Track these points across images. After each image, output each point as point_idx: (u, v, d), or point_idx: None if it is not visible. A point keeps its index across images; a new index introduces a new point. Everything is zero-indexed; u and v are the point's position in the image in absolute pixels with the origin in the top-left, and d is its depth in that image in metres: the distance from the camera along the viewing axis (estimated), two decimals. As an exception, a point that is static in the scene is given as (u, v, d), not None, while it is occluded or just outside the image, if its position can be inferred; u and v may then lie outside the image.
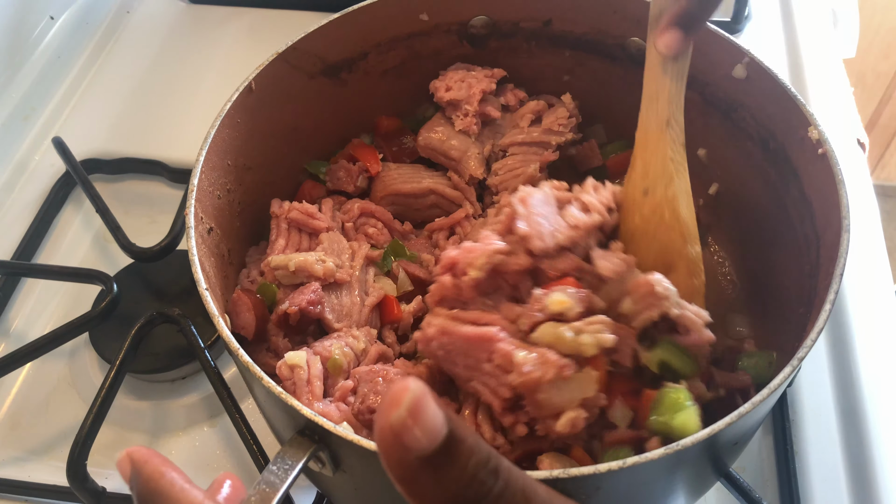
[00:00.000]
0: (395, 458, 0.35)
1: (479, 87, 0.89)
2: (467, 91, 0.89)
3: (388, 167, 0.91)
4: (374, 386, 0.67)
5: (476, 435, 0.37)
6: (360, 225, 0.87)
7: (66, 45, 1.29)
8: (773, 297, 0.80)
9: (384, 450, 0.35)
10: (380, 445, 0.35)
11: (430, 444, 0.34)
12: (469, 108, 0.89)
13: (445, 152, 0.90)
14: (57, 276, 0.98)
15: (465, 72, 0.91)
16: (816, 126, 0.71)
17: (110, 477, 0.85)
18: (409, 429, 0.34)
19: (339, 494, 0.68)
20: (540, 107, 0.91)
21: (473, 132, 0.89)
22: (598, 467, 0.51)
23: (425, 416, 0.34)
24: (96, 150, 1.14)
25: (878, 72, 2.17)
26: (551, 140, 0.90)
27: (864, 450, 0.83)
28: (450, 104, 0.90)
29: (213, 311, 0.60)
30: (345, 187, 0.89)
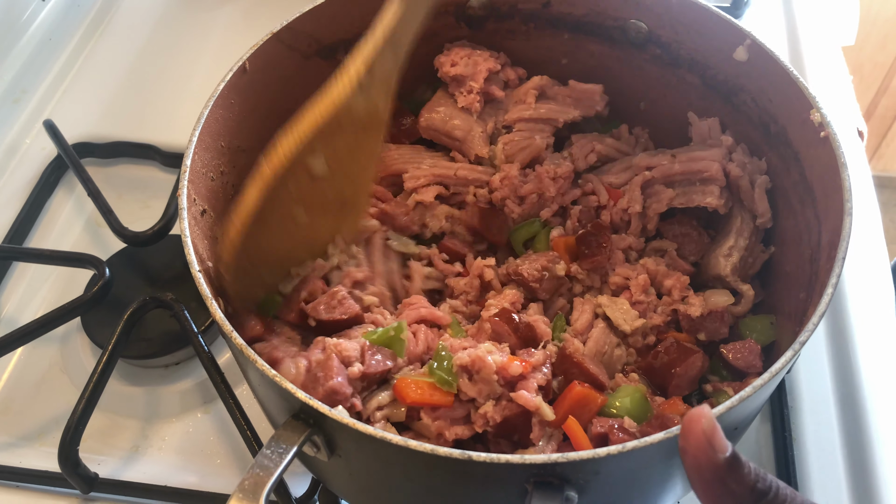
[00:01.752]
0: (704, 459, 0.46)
1: (486, 65, 0.88)
2: (473, 68, 0.88)
3: (388, 148, 0.89)
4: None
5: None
6: None
7: (58, 27, 1.28)
8: (774, 282, 0.80)
9: (695, 451, 0.46)
10: (690, 448, 0.46)
11: (726, 450, 0.46)
12: (474, 84, 0.87)
13: (449, 132, 0.89)
14: (48, 260, 0.97)
15: (471, 49, 0.89)
16: (818, 109, 0.71)
17: (102, 462, 0.84)
18: (717, 433, 0.46)
19: (333, 479, 0.68)
20: (544, 82, 0.90)
21: (476, 110, 0.88)
22: (596, 451, 0.51)
23: (720, 430, 0.46)
24: (88, 133, 1.13)
25: (875, 62, 2.16)
26: (559, 117, 0.88)
27: (861, 437, 0.83)
28: (454, 80, 0.88)
29: (207, 294, 0.59)
30: None
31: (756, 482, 0.45)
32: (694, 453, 0.46)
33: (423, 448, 0.50)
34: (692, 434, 0.46)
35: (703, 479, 0.46)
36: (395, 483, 0.60)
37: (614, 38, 0.88)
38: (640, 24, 0.85)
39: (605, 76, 0.90)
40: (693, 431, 0.46)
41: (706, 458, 0.45)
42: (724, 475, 0.45)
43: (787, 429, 0.84)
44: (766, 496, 0.45)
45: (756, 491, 0.45)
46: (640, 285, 0.81)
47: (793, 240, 0.76)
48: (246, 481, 0.50)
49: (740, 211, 0.82)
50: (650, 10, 0.83)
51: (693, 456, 0.46)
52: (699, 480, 0.46)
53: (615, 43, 0.88)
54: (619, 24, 0.86)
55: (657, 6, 0.83)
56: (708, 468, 0.45)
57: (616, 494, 0.60)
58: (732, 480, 0.45)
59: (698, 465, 0.46)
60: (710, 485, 0.46)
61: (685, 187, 0.84)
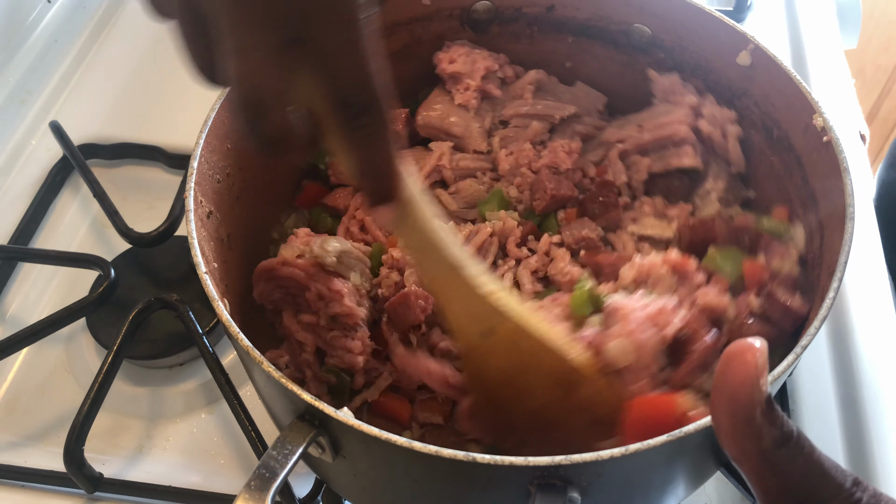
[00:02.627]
0: (745, 395, 0.42)
1: (484, 63, 0.88)
2: (471, 66, 0.88)
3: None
4: None
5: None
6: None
7: (63, 29, 1.28)
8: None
9: (738, 385, 0.43)
10: (732, 381, 0.43)
11: (767, 389, 0.43)
12: (471, 82, 0.88)
13: (447, 129, 0.89)
14: (54, 260, 0.98)
15: (470, 48, 0.90)
16: (821, 114, 0.71)
17: (107, 462, 0.84)
18: (766, 370, 0.43)
19: (338, 480, 0.68)
20: (540, 76, 0.90)
21: (473, 106, 0.89)
22: (600, 454, 0.51)
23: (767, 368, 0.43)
24: (94, 134, 1.13)
25: (877, 64, 2.16)
26: (555, 114, 0.89)
27: (863, 440, 0.83)
28: (452, 77, 0.89)
29: (213, 295, 0.59)
30: (350, 181, 0.88)
31: (783, 427, 0.43)
32: (735, 387, 0.42)
33: (427, 450, 0.51)
34: (741, 366, 0.42)
35: (735, 416, 0.43)
36: (398, 484, 0.60)
37: (618, 42, 0.88)
38: (643, 28, 0.85)
39: (608, 80, 0.91)
40: (743, 363, 0.42)
41: (748, 396, 0.42)
42: (759, 415, 0.42)
43: (788, 432, 0.84)
44: (789, 441, 0.43)
45: (782, 435, 0.43)
46: (648, 213, 0.83)
47: (795, 244, 0.77)
48: (252, 482, 0.50)
49: (714, 159, 0.84)
50: (654, 14, 0.84)
51: (733, 390, 0.42)
52: (730, 416, 0.43)
53: (619, 47, 0.88)
54: (623, 29, 0.87)
55: (661, 11, 0.83)
56: (746, 406, 0.42)
57: (619, 496, 0.61)
58: (765, 422, 0.43)
59: (735, 400, 0.42)
60: (741, 423, 0.43)
61: (660, 153, 0.85)
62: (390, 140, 0.54)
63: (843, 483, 0.43)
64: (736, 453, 0.44)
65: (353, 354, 0.73)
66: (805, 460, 0.43)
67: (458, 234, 0.77)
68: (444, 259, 0.61)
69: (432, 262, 0.62)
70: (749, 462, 0.44)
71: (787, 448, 0.43)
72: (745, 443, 0.43)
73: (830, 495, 0.42)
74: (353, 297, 0.74)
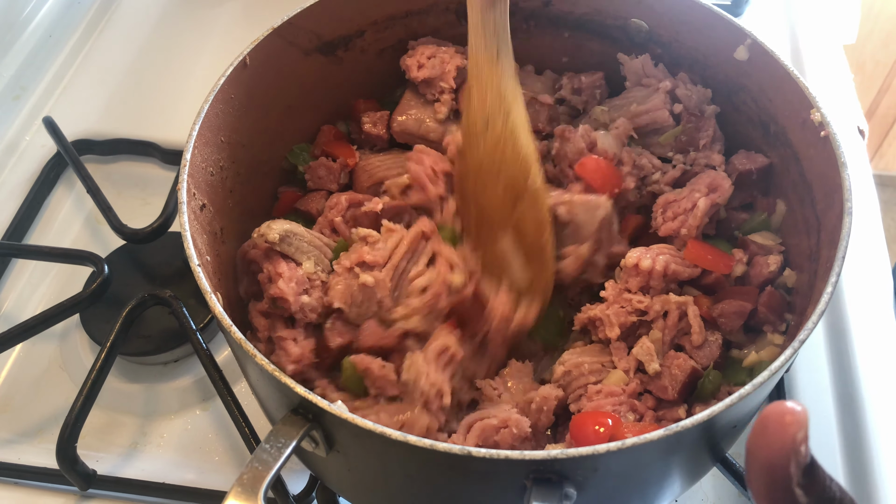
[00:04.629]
0: (783, 465, 0.38)
1: (453, 63, 0.86)
2: (441, 68, 0.86)
3: (367, 156, 0.88)
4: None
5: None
6: (350, 217, 0.83)
7: (58, 24, 1.28)
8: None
9: (775, 454, 0.39)
10: (769, 449, 0.39)
11: (808, 456, 0.39)
12: (444, 85, 0.86)
13: (424, 135, 0.87)
14: (48, 257, 0.97)
15: (436, 47, 0.88)
16: (819, 109, 0.70)
17: (101, 460, 0.84)
18: (807, 438, 0.38)
19: (332, 476, 0.68)
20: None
21: (452, 108, 0.87)
22: (596, 448, 0.51)
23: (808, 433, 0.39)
24: (88, 130, 1.12)
25: (877, 60, 2.16)
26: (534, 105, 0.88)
27: (860, 436, 0.83)
28: (424, 83, 0.87)
29: (206, 288, 0.59)
30: (328, 186, 0.86)
31: (822, 493, 0.39)
32: (772, 455, 0.38)
33: (422, 443, 0.50)
34: (778, 432, 0.38)
35: (772, 486, 0.39)
36: (393, 479, 0.60)
37: (615, 38, 0.88)
38: (640, 23, 0.85)
39: (606, 74, 0.90)
40: (781, 429, 0.38)
41: (784, 465, 0.38)
42: (797, 483, 0.39)
43: (786, 428, 0.84)
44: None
45: (824, 499, 0.39)
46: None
47: (792, 238, 0.76)
48: (245, 475, 0.50)
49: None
50: (651, 9, 0.83)
51: (770, 456, 0.39)
52: (766, 486, 0.39)
53: (616, 42, 0.88)
54: (620, 24, 0.86)
55: (658, 5, 0.82)
56: (783, 476, 0.38)
57: (615, 491, 0.60)
58: (805, 489, 0.39)
59: (772, 468, 0.39)
60: (778, 492, 0.39)
61: (644, 139, 0.86)
62: None
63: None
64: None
65: (288, 359, 0.71)
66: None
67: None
68: (489, 46, 0.74)
69: (481, 43, 0.74)
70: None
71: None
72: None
73: None
74: (298, 283, 0.73)
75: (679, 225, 0.78)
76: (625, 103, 0.86)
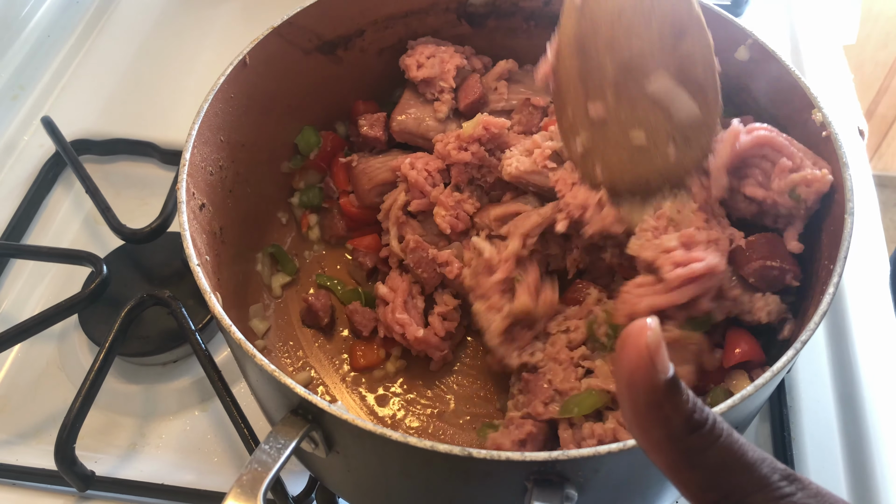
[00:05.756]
0: (642, 378, 0.38)
1: (453, 62, 0.86)
2: (440, 67, 0.86)
3: (366, 158, 0.88)
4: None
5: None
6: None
7: (56, 24, 1.27)
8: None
9: (633, 368, 0.38)
10: (627, 364, 0.38)
11: (668, 371, 0.38)
12: (444, 84, 0.86)
13: (423, 134, 0.87)
14: (46, 257, 0.97)
15: (435, 46, 0.88)
16: (820, 109, 0.70)
17: (100, 461, 0.84)
18: (661, 350, 0.38)
19: (331, 477, 0.67)
20: (510, 65, 0.90)
21: (452, 107, 0.87)
22: (597, 449, 0.51)
23: (665, 348, 0.38)
24: (87, 130, 1.12)
25: (876, 61, 2.16)
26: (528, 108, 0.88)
27: (861, 437, 0.83)
28: (423, 82, 0.87)
29: (205, 288, 0.58)
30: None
31: (693, 412, 0.39)
32: (631, 370, 0.38)
33: (423, 444, 0.50)
34: (632, 348, 0.38)
35: (636, 402, 0.39)
36: (393, 480, 0.60)
37: (615, 37, 0.87)
38: (641, 22, 0.84)
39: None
40: (634, 345, 0.38)
41: (645, 378, 0.38)
42: (662, 399, 0.38)
43: (786, 429, 0.84)
44: (702, 428, 0.38)
45: (692, 421, 0.38)
46: None
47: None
48: (244, 476, 0.49)
49: None
50: (651, 8, 0.83)
51: (629, 373, 0.38)
52: (631, 403, 0.39)
53: (616, 41, 0.87)
54: (620, 23, 0.86)
55: (658, 4, 0.82)
56: (645, 389, 0.38)
57: (616, 493, 0.60)
58: (669, 406, 0.38)
59: (633, 384, 0.38)
60: (643, 409, 0.39)
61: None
62: None
63: (769, 476, 0.38)
64: (645, 444, 0.40)
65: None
66: (722, 450, 0.38)
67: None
68: None
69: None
70: (660, 453, 0.39)
71: (699, 435, 0.38)
72: (651, 431, 0.39)
73: (753, 489, 0.38)
74: None
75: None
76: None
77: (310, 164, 0.88)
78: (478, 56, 0.91)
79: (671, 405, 0.38)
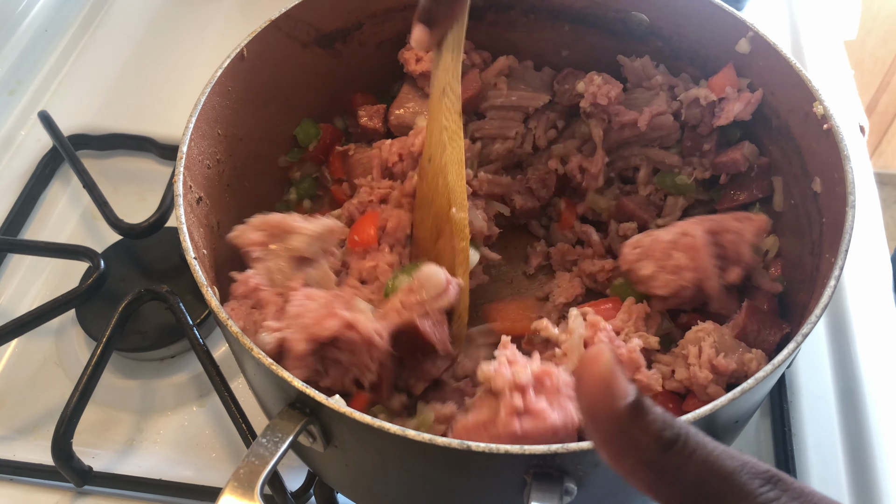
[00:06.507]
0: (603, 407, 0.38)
1: None
2: None
3: (363, 148, 0.88)
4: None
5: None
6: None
7: (54, 19, 1.27)
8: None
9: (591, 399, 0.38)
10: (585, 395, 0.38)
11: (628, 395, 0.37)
12: None
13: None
14: (43, 252, 0.96)
15: None
16: (821, 102, 0.70)
17: (97, 456, 0.83)
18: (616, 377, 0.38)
19: (329, 471, 0.67)
20: (510, 62, 0.89)
21: None
22: (597, 443, 0.50)
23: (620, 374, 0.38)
24: (84, 125, 1.12)
25: (876, 57, 2.16)
26: (529, 105, 0.88)
27: (861, 431, 0.82)
28: (422, 76, 0.87)
29: (202, 282, 0.58)
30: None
31: (662, 430, 0.38)
32: (590, 403, 0.38)
33: (421, 438, 0.50)
34: (588, 378, 0.38)
35: (602, 432, 0.38)
36: (391, 474, 0.59)
37: (615, 31, 0.87)
38: (641, 16, 0.84)
39: (605, 68, 0.89)
40: (589, 377, 0.38)
41: (605, 408, 0.38)
42: (627, 425, 0.38)
43: (786, 423, 0.83)
44: (674, 445, 0.38)
45: (663, 441, 0.38)
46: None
47: (794, 232, 0.76)
48: (241, 470, 0.49)
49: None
50: (652, 1, 0.83)
51: (589, 406, 0.38)
52: (597, 434, 0.39)
53: (616, 35, 0.87)
54: (621, 17, 0.85)
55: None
56: (608, 419, 0.38)
57: (615, 488, 0.59)
58: (637, 430, 0.38)
59: (595, 416, 0.38)
60: (610, 436, 0.38)
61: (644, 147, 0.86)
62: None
63: (750, 483, 0.37)
64: (619, 471, 0.39)
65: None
66: (699, 464, 0.37)
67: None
68: (437, 82, 0.75)
69: (434, 81, 0.76)
70: (636, 478, 0.38)
71: (673, 453, 0.38)
72: (623, 458, 0.38)
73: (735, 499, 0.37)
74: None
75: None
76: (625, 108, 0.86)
77: (308, 156, 0.88)
78: (477, 51, 0.90)
79: (638, 429, 0.38)
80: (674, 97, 0.84)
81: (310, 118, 0.88)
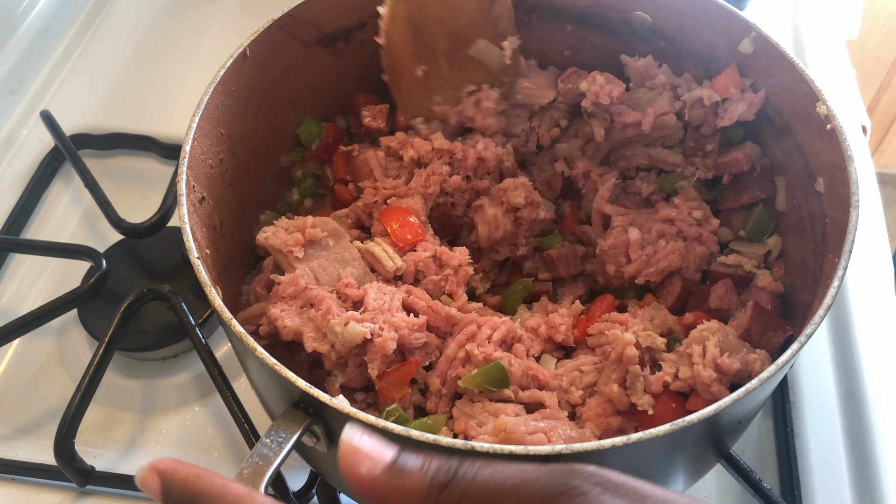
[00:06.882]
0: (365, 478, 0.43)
1: None
2: None
3: (366, 148, 0.88)
4: None
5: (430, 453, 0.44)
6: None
7: (55, 18, 1.27)
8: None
9: (354, 477, 0.43)
10: (349, 477, 0.43)
11: (386, 457, 0.43)
12: None
13: None
14: (45, 251, 0.96)
15: None
16: (824, 102, 0.70)
17: (99, 456, 0.83)
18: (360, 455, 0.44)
19: (332, 472, 0.67)
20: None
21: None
22: (601, 443, 0.50)
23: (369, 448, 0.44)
24: (86, 124, 1.12)
25: (877, 57, 2.16)
26: (534, 103, 0.87)
27: (864, 432, 0.82)
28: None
29: (205, 281, 0.58)
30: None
31: (430, 475, 0.41)
32: (352, 479, 0.43)
33: (425, 438, 0.49)
34: (341, 461, 0.44)
35: (375, 496, 0.42)
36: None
37: (617, 31, 0.87)
38: (643, 16, 0.84)
39: (608, 68, 0.89)
40: (342, 459, 0.44)
41: (366, 478, 0.42)
42: (394, 485, 0.41)
43: (788, 424, 0.83)
44: (449, 483, 0.41)
45: (435, 484, 0.41)
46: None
47: (796, 233, 0.76)
48: (245, 470, 0.49)
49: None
50: (654, 1, 0.82)
51: (354, 483, 0.43)
52: (372, 499, 0.43)
53: (618, 35, 0.87)
54: (623, 16, 0.85)
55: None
56: (371, 486, 0.42)
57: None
58: (407, 483, 0.42)
59: (362, 487, 0.43)
60: (384, 497, 0.42)
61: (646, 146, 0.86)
62: None
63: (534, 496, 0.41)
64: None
65: None
66: (478, 489, 0.41)
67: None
68: None
69: None
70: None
71: (448, 493, 0.41)
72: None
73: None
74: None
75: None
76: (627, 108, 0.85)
77: (310, 155, 0.88)
78: None
79: (408, 483, 0.41)
80: (676, 97, 0.84)
81: (312, 117, 0.88)
